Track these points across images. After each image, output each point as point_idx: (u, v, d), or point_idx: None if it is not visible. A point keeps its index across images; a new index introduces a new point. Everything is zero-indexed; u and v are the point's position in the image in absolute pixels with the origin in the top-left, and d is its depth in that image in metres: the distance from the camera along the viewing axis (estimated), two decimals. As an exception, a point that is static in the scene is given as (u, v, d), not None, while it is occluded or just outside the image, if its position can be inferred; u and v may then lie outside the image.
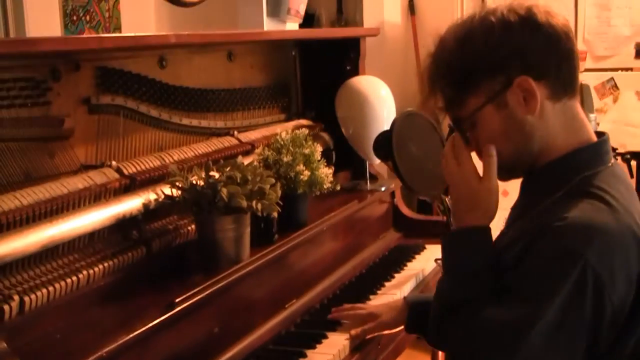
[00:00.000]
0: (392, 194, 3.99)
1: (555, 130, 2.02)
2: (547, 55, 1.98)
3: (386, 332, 2.68)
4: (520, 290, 1.90)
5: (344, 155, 3.83)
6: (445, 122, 2.23)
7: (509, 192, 2.23)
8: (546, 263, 1.86)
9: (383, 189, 3.86)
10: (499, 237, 2.15)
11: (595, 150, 2.04)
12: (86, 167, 2.53)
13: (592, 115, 5.53)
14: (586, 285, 1.79)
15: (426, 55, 2.14)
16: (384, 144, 2.70)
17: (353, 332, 2.65)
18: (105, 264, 2.35)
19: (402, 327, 2.60)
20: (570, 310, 1.81)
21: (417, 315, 2.56)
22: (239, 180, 2.52)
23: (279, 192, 2.65)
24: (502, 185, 2.09)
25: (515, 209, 2.17)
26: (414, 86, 6.09)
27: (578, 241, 1.82)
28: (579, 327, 1.82)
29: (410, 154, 2.72)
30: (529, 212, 2.03)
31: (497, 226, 2.12)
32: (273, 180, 2.63)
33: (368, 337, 2.67)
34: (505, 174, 2.12)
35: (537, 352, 1.84)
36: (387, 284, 3.27)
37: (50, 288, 2.15)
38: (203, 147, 2.97)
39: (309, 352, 2.56)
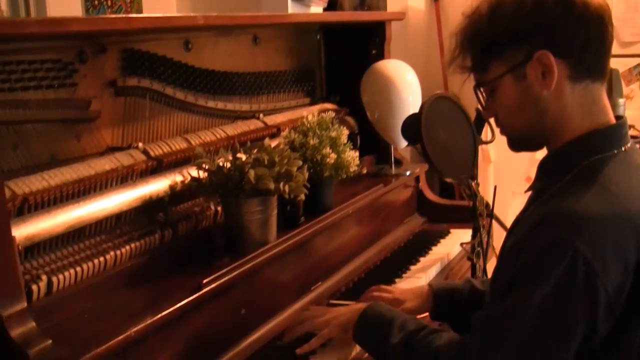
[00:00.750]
0: (417, 179, 3.98)
1: (572, 111, 2.01)
2: (573, 34, 1.96)
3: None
4: (512, 286, 1.91)
5: (368, 140, 3.81)
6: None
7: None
8: (536, 254, 1.86)
9: (408, 173, 3.85)
10: (513, 224, 2.15)
11: (609, 134, 2.03)
12: (113, 149, 2.53)
13: (620, 100, 5.49)
14: (576, 274, 1.79)
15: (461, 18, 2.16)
16: (413, 127, 2.69)
17: None
18: (132, 246, 2.35)
19: (426, 314, 2.60)
20: (560, 300, 1.81)
21: (441, 304, 2.58)
22: (266, 163, 2.50)
23: (306, 175, 2.64)
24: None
25: (532, 192, 2.16)
26: (437, 72, 6.07)
27: (568, 230, 1.82)
28: (571, 317, 1.82)
29: (438, 137, 2.71)
30: (541, 195, 2.03)
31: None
32: (300, 163, 2.63)
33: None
34: (516, 146, 2.16)
35: (528, 341, 1.84)
36: (412, 267, 3.27)
37: (78, 269, 2.15)
38: (229, 130, 2.96)
39: (335, 335, 2.55)
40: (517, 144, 2.15)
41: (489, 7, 2.04)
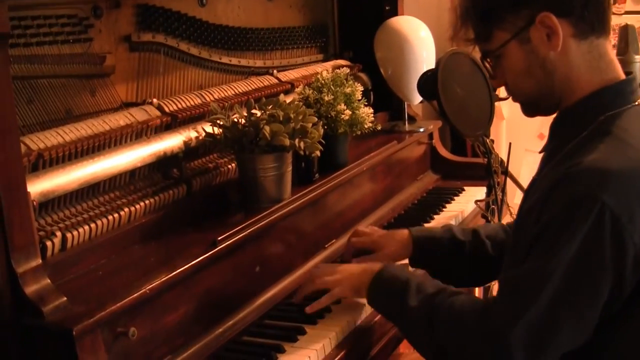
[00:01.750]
0: (430, 136, 3.95)
1: (580, 69, 2.00)
2: None
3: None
4: (537, 245, 1.89)
5: (382, 96, 3.79)
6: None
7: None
8: (561, 211, 1.84)
9: (422, 130, 3.82)
10: (530, 184, 2.12)
11: (620, 89, 2.01)
12: (127, 105, 2.52)
13: (637, 57, 5.44)
14: (604, 228, 1.78)
15: None
16: (430, 83, 2.67)
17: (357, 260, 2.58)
18: (146, 202, 2.34)
19: (405, 260, 2.59)
20: (589, 255, 1.80)
21: (421, 250, 2.56)
22: (281, 119, 2.49)
23: (322, 131, 2.62)
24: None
25: (545, 153, 2.13)
26: (447, 29, 6.02)
27: (593, 185, 1.80)
28: (600, 271, 1.80)
29: (454, 93, 2.69)
30: (556, 155, 2.00)
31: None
32: (315, 119, 2.61)
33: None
34: (529, 111, 2.15)
35: (558, 300, 1.82)
36: (426, 225, 3.24)
37: (92, 225, 2.15)
38: (243, 86, 2.94)
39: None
40: (530, 108, 2.14)
41: None
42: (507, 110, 5.49)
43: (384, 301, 2.24)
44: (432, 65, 3.68)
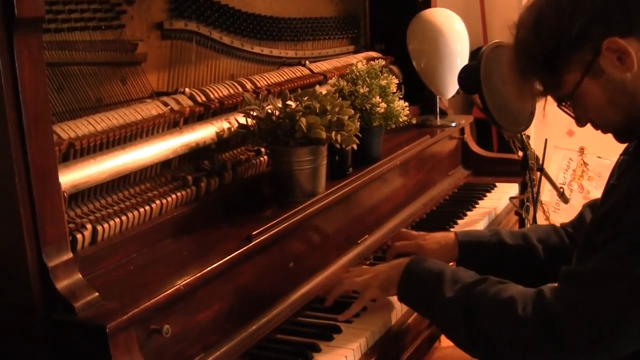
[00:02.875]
0: (462, 130, 3.89)
1: None
2: (626, 9, 1.87)
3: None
4: (611, 246, 1.83)
5: (412, 89, 3.71)
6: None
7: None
8: None
9: (453, 124, 3.76)
10: (607, 189, 2.06)
11: None
12: (158, 94, 2.46)
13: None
14: None
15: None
16: (472, 76, 2.60)
17: None
18: (178, 194, 2.28)
19: (451, 264, 2.51)
20: None
21: (467, 255, 2.50)
22: (317, 111, 2.42)
23: (358, 125, 2.55)
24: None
25: (625, 157, 2.06)
26: (476, 22, 5.95)
27: None
28: None
29: (496, 87, 2.62)
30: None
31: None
32: (352, 112, 2.54)
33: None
34: (625, 138, 2.05)
35: (630, 301, 1.77)
36: (459, 221, 3.19)
37: (123, 217, 2.09)
38: (275, 77, 2.88)
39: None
40: (625, 136, 2.04)
41: (529, 29, 1.98)
42: (537, 105, 5.42)
43: (416, 295, 2.19)
44: (466, 59, 3.63)
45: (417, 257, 2.27)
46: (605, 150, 5.07)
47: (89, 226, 1.98)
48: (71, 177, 1.96)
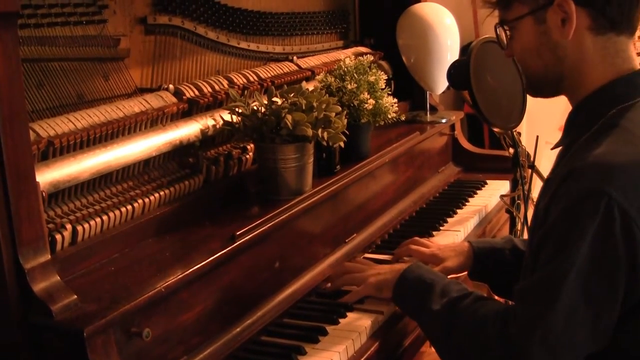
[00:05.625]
0: (452, 127, 3.85)
1: (592, 62, 1.96)
2: None
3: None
4: (546, 245, 1.83)
5: (402, 85, 3.67)
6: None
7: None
8: (568, 208, 1.78)
9: (444, 120, 3.71)
10: (545, 182, 2.05)
11: (632, 81, 1.95)
12: (141, 90, 2.41)
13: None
14: (614, 222, 1.73)
15: None
16: (461, 72, 2.56)
17: None
18: (161, 193, 2.23)
19: (464, 272, 2.52)
20: (601, 252, 1.75)
21: (481, 263, 2.48)
22: (304, 107, 2.38)
23: (345, 121, 2.51)
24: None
25: (560, 150, 2.06)
26: (468, 18, 5.92)
27: (599, 179, 1.75)
28: (613, 268, 1.75)
29: (486, 83, 2.59)
30: (569, 151, 1.95)
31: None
32: (339, 108, 2.49)
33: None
34: (533, 90, 2.14)
35: (575, 303, 1.76)
36: (449, 220, 3.15)
37: (104, 217, 2.04)
38: (262, 72, 2.83)
39: (372, 290, 2.45)
40: (533, 86, 2.12)
41: None
42: (528, 102, 5.38)
43: (406, 301, 2.21)
44: (457, 54, 3.60)
45: (415, 265, 2.26)
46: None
47: (68, 226, 1.94)
48: (50, 175, 1.92)
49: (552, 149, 2.07)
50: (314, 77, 3.04)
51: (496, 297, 2.45)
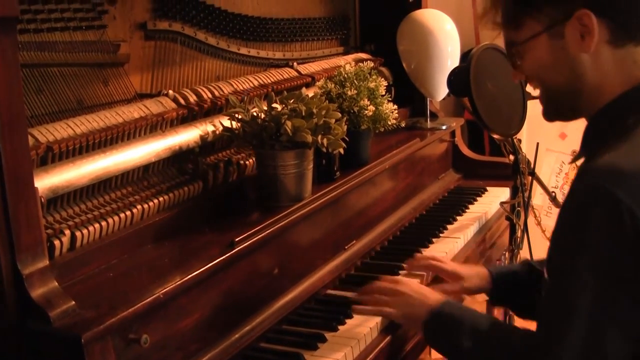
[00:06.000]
0: (453, 133, 3.84)
1: (611, 75, 1.86)
2: None
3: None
4: (556, 256, 1.79)
5: (403, 91, 3.67)
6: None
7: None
8: (573, 210, 1.74)
9: (444, 127, 3.71)
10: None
11: None
12: (141, 96, 2.41)
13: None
14: (624, 227, 1.64)
15: None
16: (461, 78, 2.55)
17: (438, 288, 2.44)
18: (160, 199, 2.23)
19: (485, 298, 2.50)
20: (610, 257, 1.68)
21: (501, 288, 2.45)
22: (303, 114, 2.37)
23: (345, 128, 2.50)
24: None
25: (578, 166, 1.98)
26: (469, 24, 5.92)
27: (606, 180, 1.68)
28: (628, 272, 1.67)
29: (487, 90, 2.58)
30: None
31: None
32: (339, 115, 2.49)
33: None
34: (551, 112, 2.00)
35: (595, 316, 1.69)
36: (449, 227, 3.14)
37: (103, 223, 2.04)
38: (262, 78, 2.83)
39: (371, 297, 2.44)
40: (550, 108, 2.00)
41: None
42: (529, 109, 5.38)
43: (438, 340, 2.16)
44: (457, 61, 3.59)
45: (447, 303, 2.18)
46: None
47: (67, 232, 1.93)
48: (49, 181, 1.92)
49: (570, 162, 2.01)
50: (314, 83, 3.04)
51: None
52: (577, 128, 2.00)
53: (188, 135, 2.37)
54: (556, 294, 1.76)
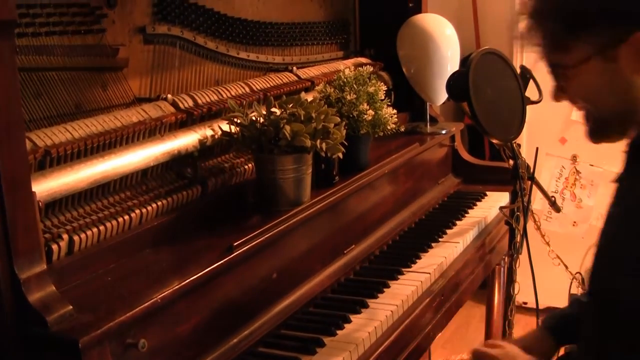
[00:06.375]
0: (452, 138, 3.84)
1: None
2: None
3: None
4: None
5: (402, 96, 3.67)
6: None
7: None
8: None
9: (444, 132, 3.71)
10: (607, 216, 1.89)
11: None
12: (140, 100, 2.40)
13: None
14: None
15: None
16: (460, 83, 2.54)
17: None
18: (159, 203, 2.22)
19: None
20: None
21: (560, 337, 2.27)
22: (302, 118, 2.37)
23: (344, 132, 2.50)
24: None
25: (620, 183, 1.88)
26: (469, 27, 5.91)
27: None
28: None
29: (486, 95, 2.56)
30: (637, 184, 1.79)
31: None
32: (338, 119, 2.49)
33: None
34: (598, 134, 1.86)
35: None
36: (448, 231, 3.14)
37: (101, 227, 2.03)
38: (261, 83, 2.82)
39: (370, 302, 2.45)
40: (598, 131, 1.85)
41: None
42: (528, 112, 5.37)
43: None
44: (457, 65, 3.58)
45: None
46: (598, 158, 5.02)
47: (65, 236, 1.93)
48: (47, 185, 1.91)
49: (614, 181, 1.87)
50: (314, 87, 3.03)
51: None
52: (577, 133, 1.97)
53: (187, 140, 2.37)
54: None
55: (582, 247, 4.25)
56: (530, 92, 2.81)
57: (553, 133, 5.18)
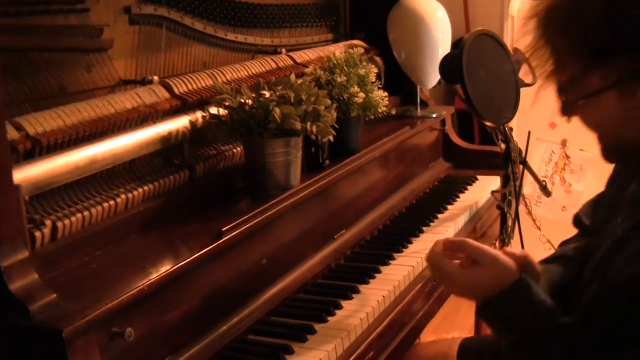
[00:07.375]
0: (443, 122, 3.80)
1: None
2: None
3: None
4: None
5: (392, 80, 3.63)
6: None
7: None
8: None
9: (434, 115, 3.67)
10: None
11: None
12: (125, 82, 2.36)
13: None
14: None
15: None
16: (454, 65, 2.50)
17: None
18: (145, 188, 2.17)
19: None
20: None
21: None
22: (292, 101, 2.32)
23: (335, 115, 2.45)
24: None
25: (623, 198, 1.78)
26: (459, 10, 5.87)
27: None
28: None
29: (479, 77, 2.52)
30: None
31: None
32: (329, 102, 2.44)
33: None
34: (613, 158, 1.77)
35: None
36: (440, 216, 3.11)
37: (86, 213, 1.98)
38: (257, 67, 2.80)
39: (361, 287, 2.41)
40: (613, 156, 1.74)
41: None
42: (520, 96, 5.34)
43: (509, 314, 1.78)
44: (448, 48, 3.54)
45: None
46: (587, 143, 5.00)
47: (48, 222, 1.88)
48: (34, 172, 1.86)
49: (625, 232, 1.70)
50: (304, 70, 2.98)
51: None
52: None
53: (176, 124, 2.33)
54: None
55: (571, 232, 4.23)
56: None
57: (543, 117, 5.15)
